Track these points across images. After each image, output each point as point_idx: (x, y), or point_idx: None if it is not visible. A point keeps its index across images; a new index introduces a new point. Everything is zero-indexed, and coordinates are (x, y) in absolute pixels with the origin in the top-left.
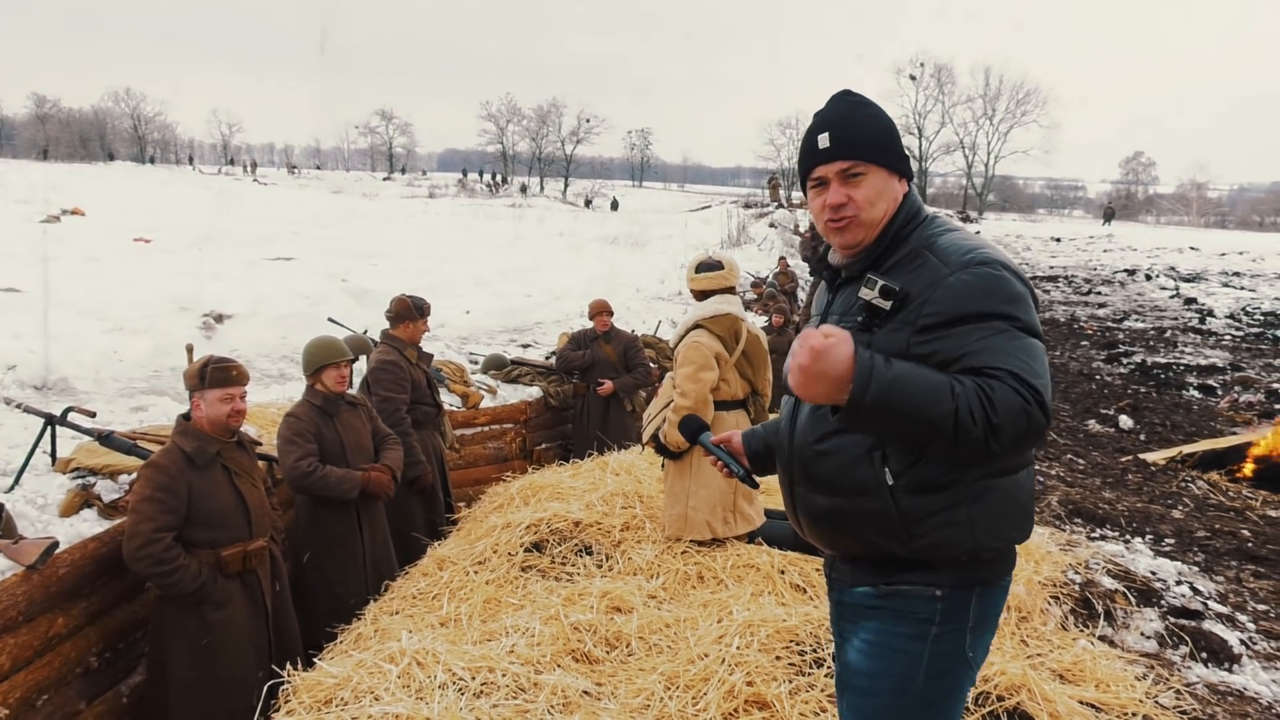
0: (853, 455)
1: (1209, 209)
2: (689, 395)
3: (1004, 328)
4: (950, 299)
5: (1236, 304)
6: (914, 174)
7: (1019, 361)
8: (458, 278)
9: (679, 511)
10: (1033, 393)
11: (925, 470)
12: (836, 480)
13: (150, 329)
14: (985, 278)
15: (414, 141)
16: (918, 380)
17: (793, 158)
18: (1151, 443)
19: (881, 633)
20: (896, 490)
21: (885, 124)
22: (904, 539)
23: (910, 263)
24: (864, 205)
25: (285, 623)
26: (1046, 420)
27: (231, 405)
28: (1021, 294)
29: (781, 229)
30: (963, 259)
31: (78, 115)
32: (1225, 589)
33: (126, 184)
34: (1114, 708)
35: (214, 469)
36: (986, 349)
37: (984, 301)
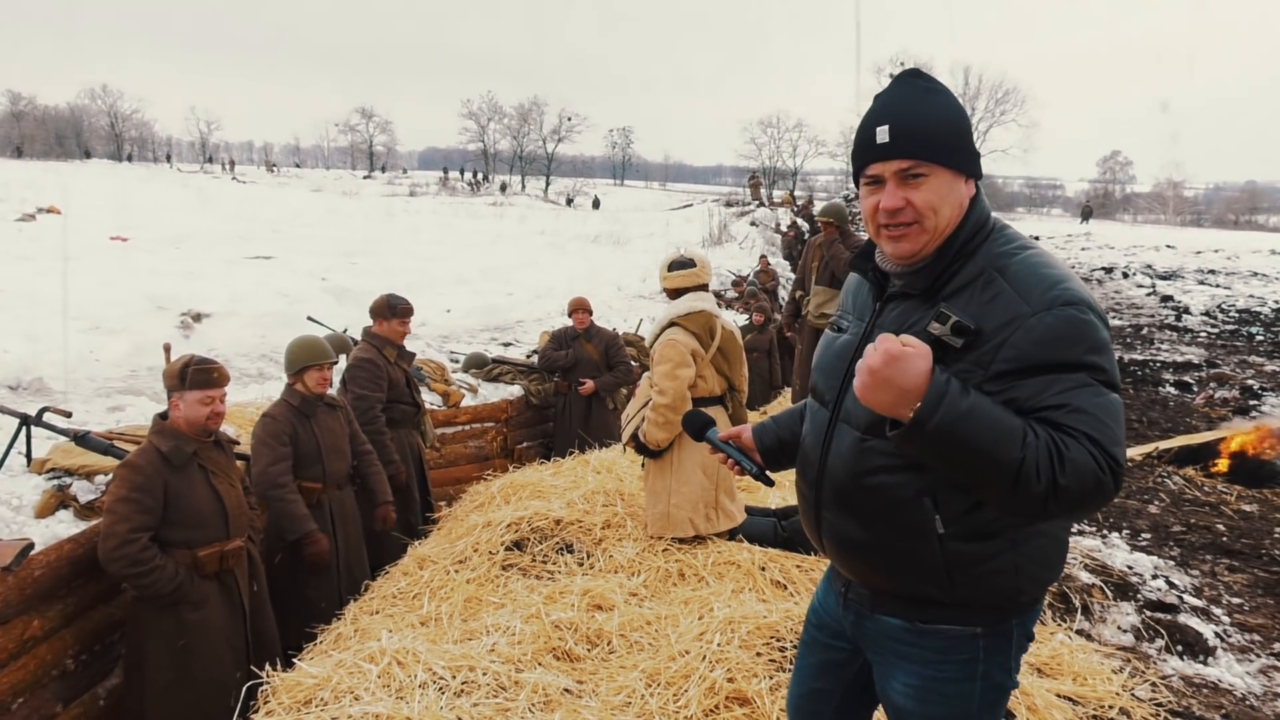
0: (902, 497)
1: (1185, 208)
2: (667, 393)
3: (1087, 381)
4: (1031, 344)
5: (1212, 301)
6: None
7: (1099, 424)
8: (439, 276)
9: (661, 510)
10: (1109, 461)
11: (977, 518)
12: (879, 518)
13: (127, 328)
14: (1072, 323)
15: (394, 140)
16: (990, 418)
17: (773, 156)
18: (1128, 439)
19: (926, 677)
20: (946, 539)
21: (956, 116)
22: (945, 585)
23: (982, 289)
24: (925, 211)
25: (263, 623)
26: (1116, 489)
27: (211, 407)
28: (1106, 342)
29: (763, 227)
30: (1047, 296)
31: (54, 112)
32: (1200, 583)
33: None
34: (1091, 701)
35: (191, 469)
36: (1067, 405)
37: (1069, 351)
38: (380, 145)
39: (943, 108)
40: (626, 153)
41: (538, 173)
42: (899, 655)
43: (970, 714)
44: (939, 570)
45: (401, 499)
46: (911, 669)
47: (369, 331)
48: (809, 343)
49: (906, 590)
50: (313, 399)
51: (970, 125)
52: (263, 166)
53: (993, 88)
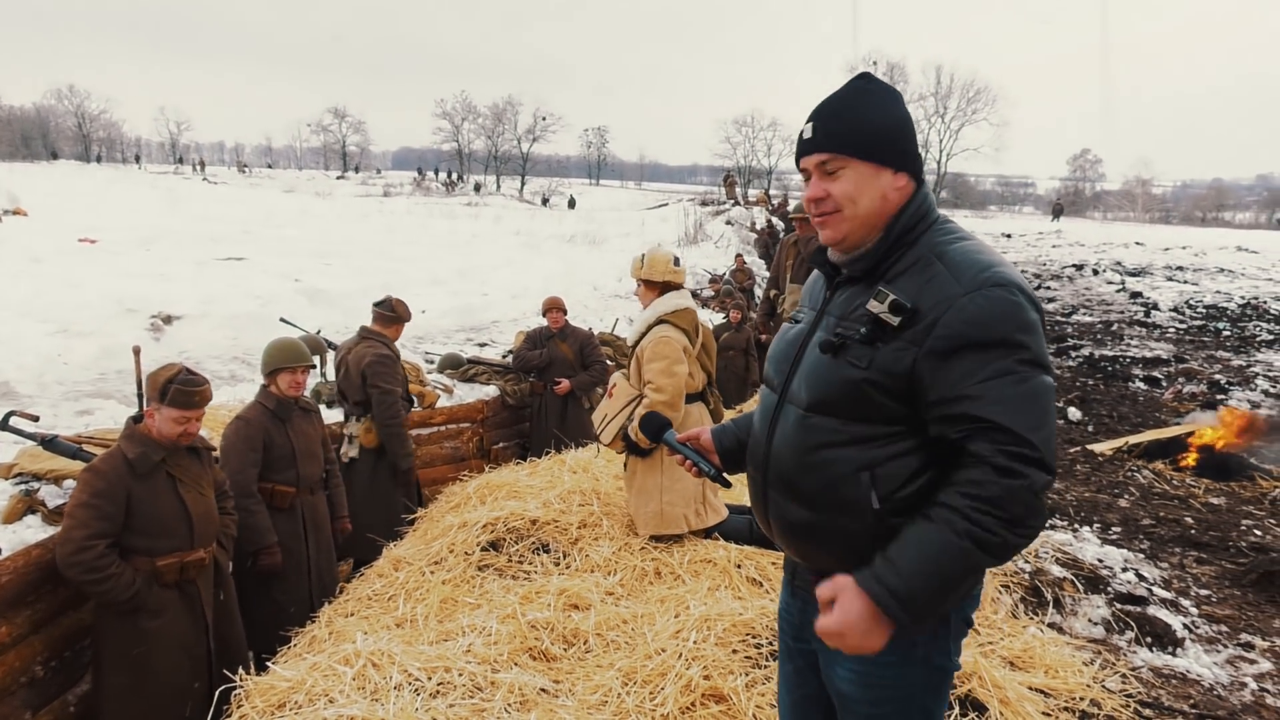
0: (842, 473)
1: (1154, 205)
2: (665, 390)
3: (1010, 367)
4: (961, 323)
5: (1180, 297)
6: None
7: (1016, 412)
8: (413, 277)
9: (654, 508)
10: (1021, 457)
11: (912, 493)
12: (819, 495)
13: (96, 331)
14: (999, 302)
15: (368, 140)
16: (926, 556)
17: (748, 155)
18: (1099, 434)
19: (868, 662)
20: (881, 514)
21: (879, 113)
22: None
23: (919, 272)
24: (843, 201)
25: (229, 631)
26: (1049, 474)
27: (184, 427)
28: (1034, 322)
29: (738, 226)
30: (978, 277)
31: (19, 113)
32: (1169, 575)
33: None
34: (1062, 693)
35: (157, 476)
36: (985, 396)
37: (996, 329)
38: (353, 145)
39: (867, 106)
40: (602, 152)
41: (513, 172)
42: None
43: (914, 698)
44: (874, 547)
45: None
46: (852, 659)
47: (374, 330)
48: None
49: (844, 568)
50: (288, 402)
51: (899, 123)
52: (234, 167)
53: (964, 86)
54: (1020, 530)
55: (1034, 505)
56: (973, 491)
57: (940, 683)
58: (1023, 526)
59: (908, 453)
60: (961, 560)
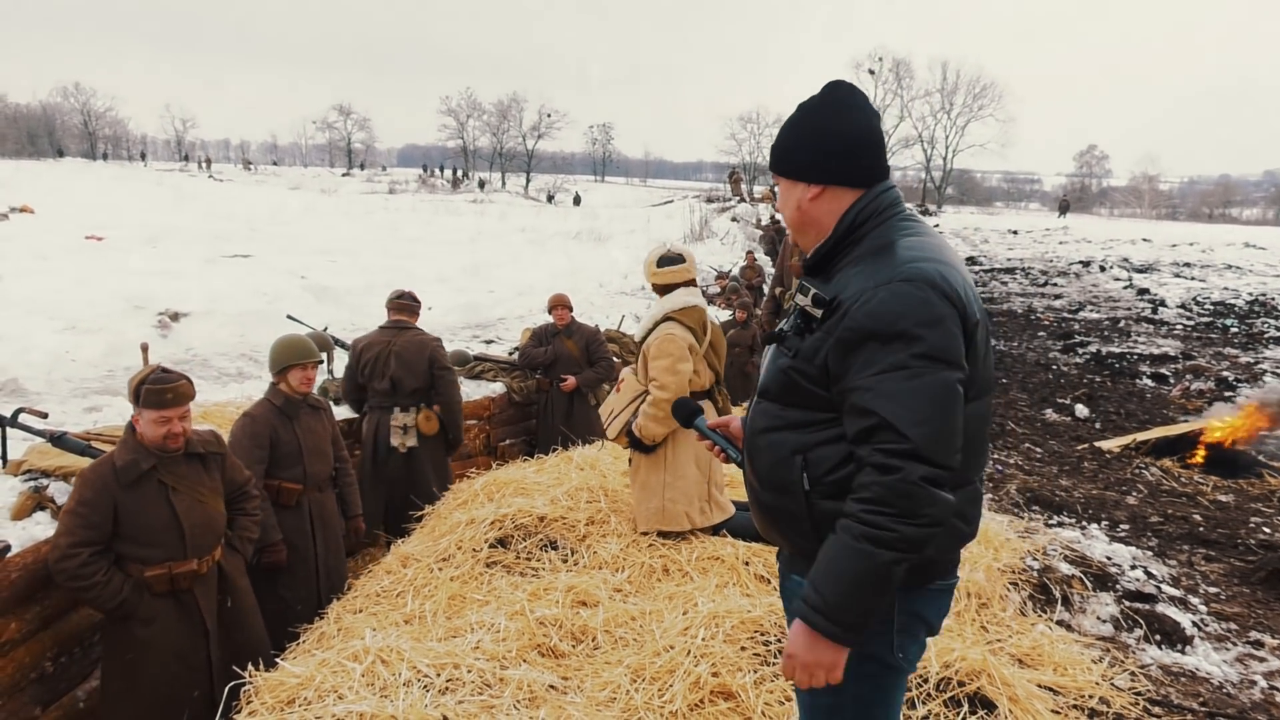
0: (778, 455)
1: (1160, 201)
2: (668, 388)
3: (904, 361)
4: (864, 315)
5: (1187, 294)
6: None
7: (901, 407)
8: (419, 274)
9: (656, 505)
10: (898, 453)
11: (843, 477)
12: (768, 475)
13: (104, 328)
14: (903, 296)
15: (373, 137)
16: (833, 565)
17: (754, 152)
18: (1106, 431)
19: None
20: (812, 495)
21: (791, 132)
22: (816, 542)
23: (852, 266)
24: (779, 210)
25: (242, 638)
26: (930, 465)
27: (167, 428)
28: (939, 317)
29: (744, 223)
30: (893, 272)
31: (25, 110)
32: (1178, 573)
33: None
34: (1071, 690)
35: (146, 485)
36: (875, 388)
37: (895, 323)
38: (359, 143)
39: (788, 126)
40: (606, 149)
41: (518, 169)
42: (789, 611)
43: (844, 686)
44: (808, 527)
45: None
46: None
47: (407, 321)
48: None
49: (793, 547)
50: (296, 399)
51: (806, 138)
52: (240, 164)
53: (970, 83)
54: (915, 521)
55: (919, 495)
56: (861, 495)
57: (877, 674)
58: (916, 517)
59: (838, 439)
60: (864, 560)
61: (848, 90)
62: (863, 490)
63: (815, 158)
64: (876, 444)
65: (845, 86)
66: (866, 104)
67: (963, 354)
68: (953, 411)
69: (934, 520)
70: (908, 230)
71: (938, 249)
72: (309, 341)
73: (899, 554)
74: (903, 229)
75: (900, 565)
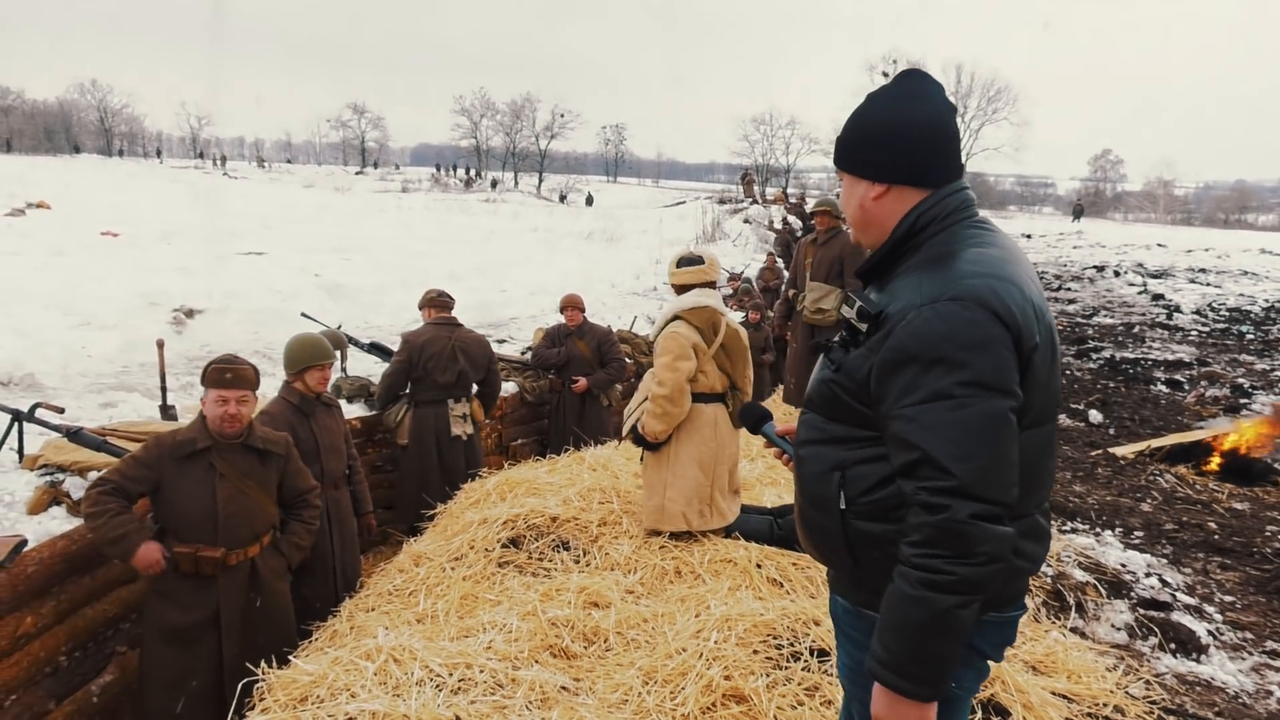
0: (818, 469)
1: (1176, 206)
2: (666, 384)
3: (948, 390)
4: (907, 336)
5: (1203, 300)
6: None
7: (944, 440)
8: (432, 273)
9: (656, 503)
10: (943, 490)
11: (878, 498)
12: (806, 488)
13: (119, 324)
14: (949, 317)
15: (387, 136)
16: (895, 617)
17: (767, 154)
18: (1120, 437)
19: (857, 658)
20: (847, 514)
21: (862, 122)
22: (850, 564)
23: (906, 277)
24: (842, 208)
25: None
26: (978, 502)
27: (225, 409)
28: (987, 340)
29: (756, 225)
30: (940, 289)
31: (42, 107)
32: (1193, 581)
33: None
34: (1085, 698)
35: (195, 466)
36: (918, 419)
37: (937, 345)
38: (372, 141)
39: (855, 118)
40: (619, 149)
41: (530, 169)
42: (843, 634)
43: None
44: (843, 546)
45: None
46: (848, 649)
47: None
48: (803, 339)
49: (831, 564)
50: (311, 398)
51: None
52: (254, 162)
53: (984, 86)
54: (971, 561)
55: (971, 534)
56: (913, 538)
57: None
58: (971, 557)
59: (878, 458)
60: (925, 608)
61: (919, 80)
62: (913, 533)
63: (880, 154)
64: (921, 481)
65: (917, 75)
66: (940, 95)
67: (1015, 379)
68: (1002, 443)
69: (991, 557)
70: (973, 239)
71: (1002, 262)
72: (325, 341)
73: (961, 596)
74: (968, 237)
75: (966, 609)
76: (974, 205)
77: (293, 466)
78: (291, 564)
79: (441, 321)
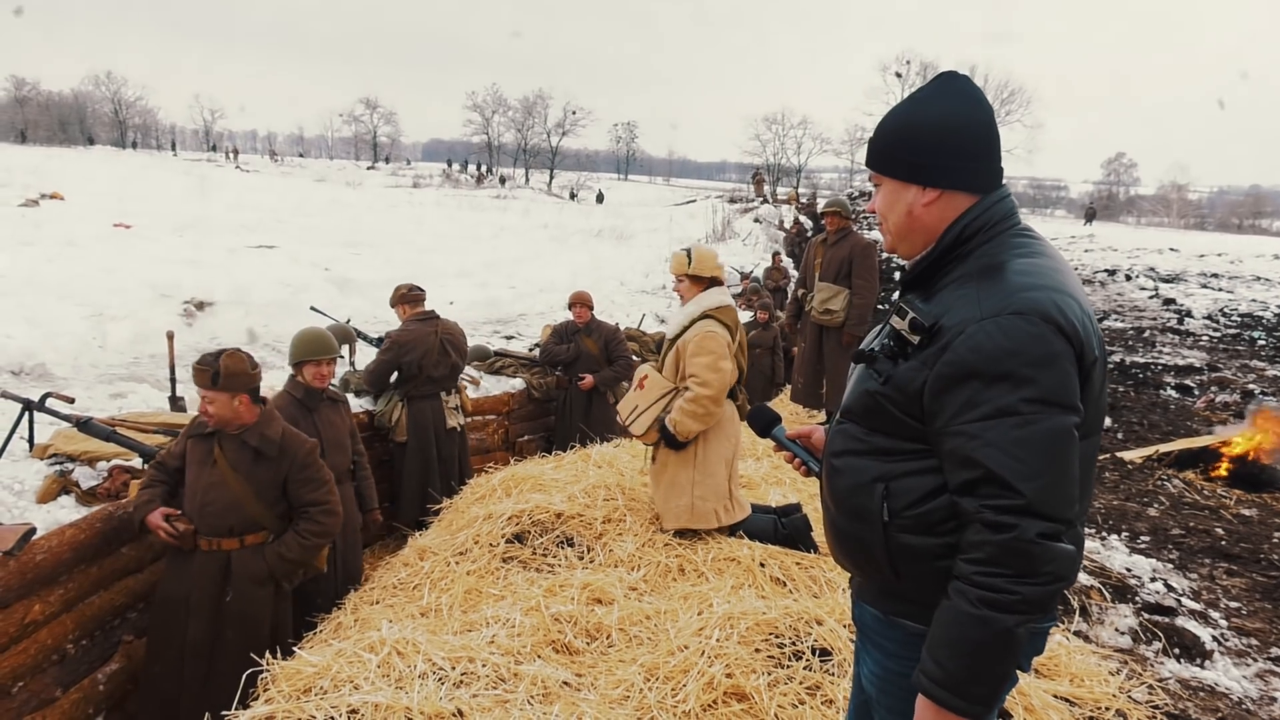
0: (857, 481)
1: (1189, 211)
2: (711, 385)
3: (1014, 406)
4: (967, 351)
5: (1214, 305)
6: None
7: (1011, 459)
8: (442, 268)
9: (685, 503)
10: (1010, 509)
11: (923, 512)
12: (843, 499)
13: (130, 315)
14: (1013, 332)
15: (398, 131)
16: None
17: (778, 153)
18: (1129, 441)
19: (888, 668)
20: (890, 527)
21: (898, 128)
22: (890, 576)
23: (958, 288)
24: (881, 215)
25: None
26: (1047, 521)
27: (202, 404)
28: (1054, 355)
29: (766, 224)
30: (1001, 303)
31: (57, 99)
32: (1198, 586)
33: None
34: (1088, 702)
35: (202, 447)
36: (982, 436)
37: (1002, 362)
38: (384, 136)
39: (898, 121)
40: (630, 147)
41: (541, 166)
42: (871, 643)
43: None
44: (884, 559)
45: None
46: (877, 657)
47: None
48: (812, 340)
49: (866, 575)
50: (315, 391)
51: (924, 137)
52: (266, 155)
53: (998, 88)
54: (1036, 580)
55: (1036, 553)
56: (973, 555)
57: None
58: (1036, 576)
59: (925, 471)
60: (985, 628)
61: (965, 82)
62: (974, 550)
63: (933, 158)
64: (985, 499)
65: (962, 78)
66: (984, 97)
67: (1078, 395)
68: (1068, 461)
69: (1056, 576)
70: (1022, 249)
71: (1055, 273)
72: (327, 337)
73: (1022, 616)
74: (1017, 247)
75: (1024, 627)
76: (1018, 212)
77: (300, 475)
78: (274, 572)
79: (423, 317)
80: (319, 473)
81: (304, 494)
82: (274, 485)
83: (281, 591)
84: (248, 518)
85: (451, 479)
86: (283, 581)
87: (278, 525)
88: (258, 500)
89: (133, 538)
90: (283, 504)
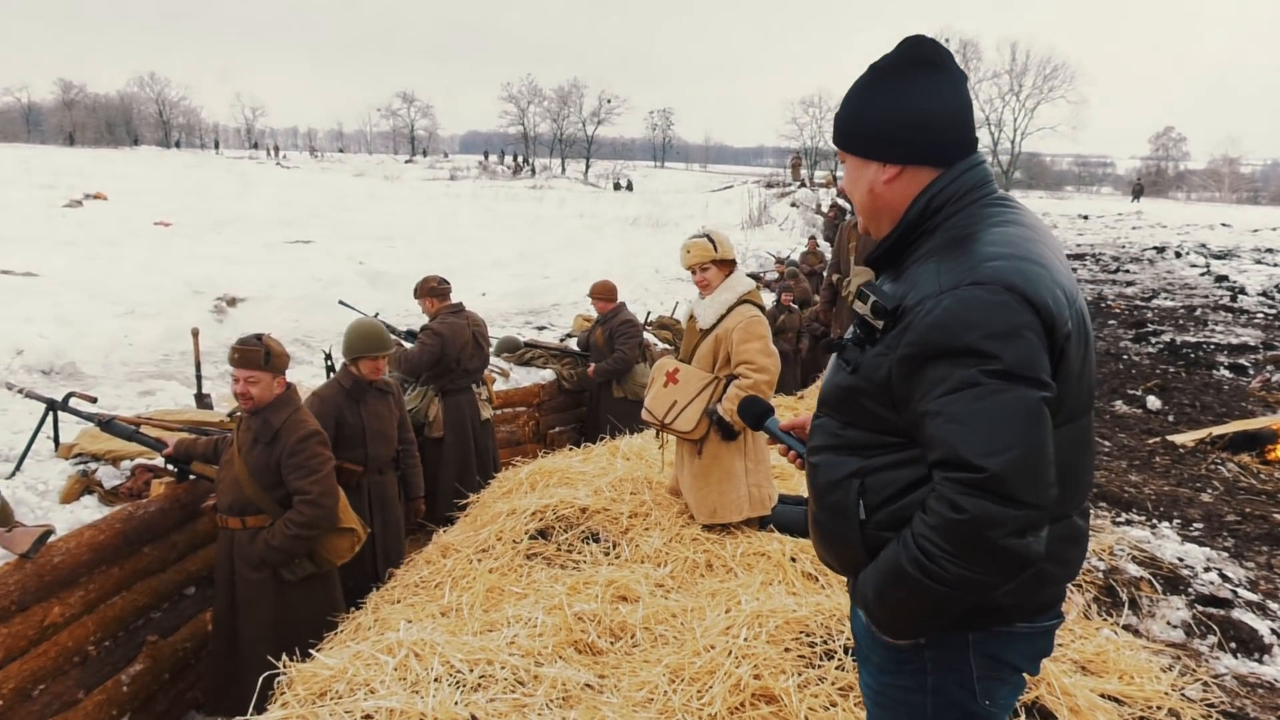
0: (834, 476)
1: (1241, 185)
2: (768, 370)
3: (974, 378)
4: (926, 328)
5: (1269, 281)
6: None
7: (972, 433)
8: (476, 259)
9: (742, 493)
10: (970, 485)
11: (903, 506)
12: (822, 495)
13: (162, 312)
14: (972, 303)
15: (436, 124)
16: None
17: (815, 136)
18: (1180, 424)
19: (882, 681)
20: (867, 525)
21: (861, 101)
22: None
23: (926, 261)
24: (848, 193)
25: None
26: (1009, 504)
27: (235, 386)
28: (1016, 326)
29: (803, 209)
30: (961, 274)
31: (104, 101)
32: (1256, 576)
33: (150, 168)
34: (1138, 701)
35: (238, 430)
36: (944, 412)
37: (961, 336)
38: (422, 129)
39: (855, 97)
40: (666, 134)
41: (577, 155)
42: (865, 654)
43: None
44: (861, 557)
45: None
46: (871, 669)
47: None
48: (847, 324)
49: (845, 574)
50: (364, 383)
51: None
52: (306, 152)
53: (1040, 64)
54: (970, 565)
55: (978, 541)
56: (926, 519)
57: None
58: (972, 561)
59: (901, 465)
60: (905, 582)
61: (931, 47)
62: (928, 515)
63: (892, 131)
64: (946, 472)
65: (928, 43)
66: (952, 63)
67: (1047, 369)
68: (1038, 438)
69: (989, 571)
70: (994, 218)
71: (1028, 242)
72: (385, 333)
73: (950, 591)
74: (989, 217)
75: (954, 601)
76: (992, 180)
77: (289, 461)
78: (264, 558)
79: (455, 310)
80: (309, 460)
81: (291, 480)
82: (268, 468)
83: (285, 581)
84: (245, 498)
85: (486, 472)
86: (280, 570)
87: (276, 511)
88: (252, 481)
89: (155, 537)
90: (281, 489)
